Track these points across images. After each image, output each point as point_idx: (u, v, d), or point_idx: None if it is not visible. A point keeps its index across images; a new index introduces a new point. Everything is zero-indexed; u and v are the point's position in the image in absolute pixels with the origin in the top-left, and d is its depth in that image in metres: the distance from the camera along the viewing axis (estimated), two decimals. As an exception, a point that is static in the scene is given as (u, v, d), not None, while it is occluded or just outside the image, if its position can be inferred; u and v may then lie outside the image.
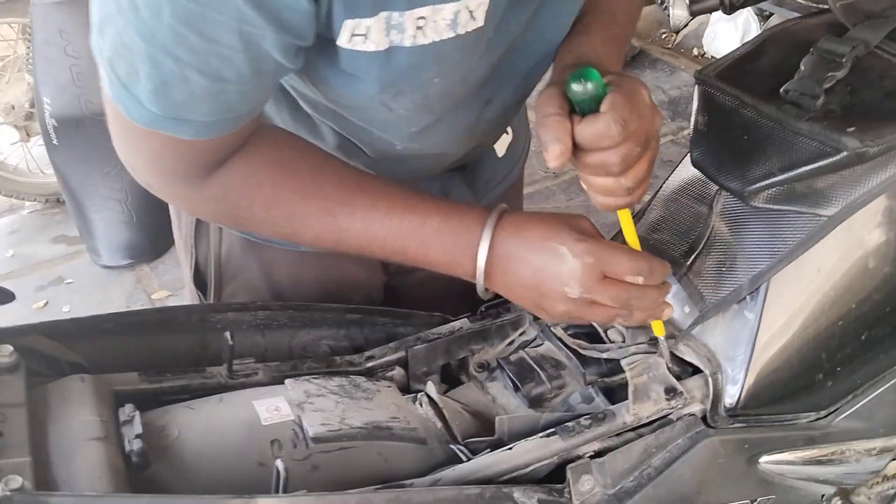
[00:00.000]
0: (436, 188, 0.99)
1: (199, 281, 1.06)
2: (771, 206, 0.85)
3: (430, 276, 1.09)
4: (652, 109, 0.73)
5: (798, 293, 0.86)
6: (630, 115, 0.69)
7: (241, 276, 1.02)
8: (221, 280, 1.03)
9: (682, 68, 3.67)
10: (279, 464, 0.69)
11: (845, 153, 0.78)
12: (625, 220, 0.81)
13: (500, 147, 1.02)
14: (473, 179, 1.03)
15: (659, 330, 0.86)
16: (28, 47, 2.58)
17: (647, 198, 0.91)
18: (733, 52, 0.95)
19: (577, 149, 0.71)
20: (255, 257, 1.01)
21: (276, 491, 0.69)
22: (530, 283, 0.76)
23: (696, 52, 3.86)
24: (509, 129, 1.03)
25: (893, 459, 1.02)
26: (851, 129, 0.80)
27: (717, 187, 0.90)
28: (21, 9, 2.64)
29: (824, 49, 0.89)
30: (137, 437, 0.71)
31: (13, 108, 2.79)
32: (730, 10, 1.04)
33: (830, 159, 0.80)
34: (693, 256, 0.90)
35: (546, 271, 0.74)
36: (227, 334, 0.84)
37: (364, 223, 0.77)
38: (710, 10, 1.06)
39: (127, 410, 0.75)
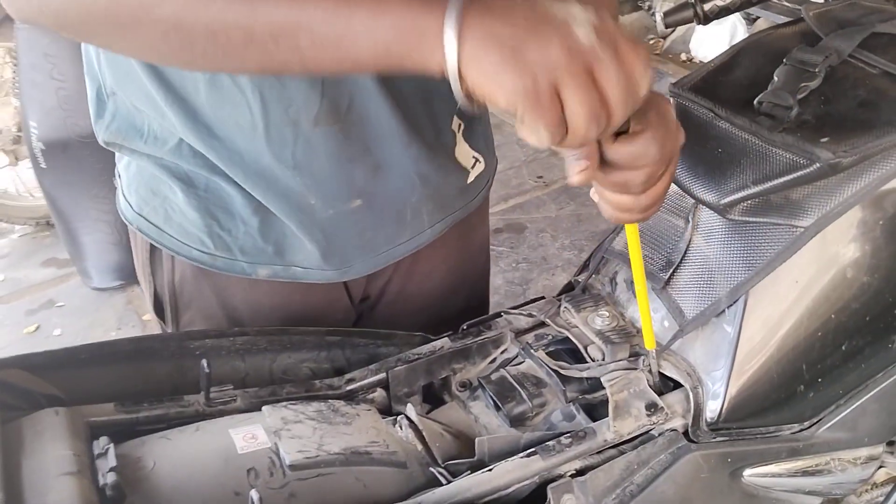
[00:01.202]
0: (401, 198, 0.96)
1: (160, 309, 1.05)
2: (747, 219, 0.85)
3: (399, 301, 1.09)
4: (677, 128, 0.71)
5: (777, 305, 0.86)
6: (665, 136, 0.67)
7: (196, 304, 1.01)
8: (178, 308, 1.02)
9: (669, 74, 3.69)
10: (254, 494, 0.68)
11: (819, 164, 0.78)
12: (631, 232, 0.80)
13: (472, 175, 1.01)
14: (435, 192, 0.99)
15: (650, 342, 0.86)
16: (14, 71, 2.59)
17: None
18: (707, 63, 0.95)
19: (601, 165, 0.68)
20: (207, 284, 0.99)
21: (252, 521, 0.68)
22: (523, 17, 0.59)
23: (683, 57, 3.88)
24: (482, 159, 1.02)
25: (881, 467, 1.02)
26: (825, 139, 0.80)
27: (693, 200, 0.90)
28: (6, 33, 2.65)
29: (797, 59, 0.89)
30: (111, 470, 0.70)
31: (0, 132, 2.79)
32: (704, 21, 1.04)
33: (804, 170, 0.80)
34: (671, 270, 0.90)
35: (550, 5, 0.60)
36: (204, 362, 0.83)
37: None
38: (684, 23, 1.06)
39: (101, 443, 0.74)
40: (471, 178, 1.02)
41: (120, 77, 0.88)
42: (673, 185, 0.90)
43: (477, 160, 1.01)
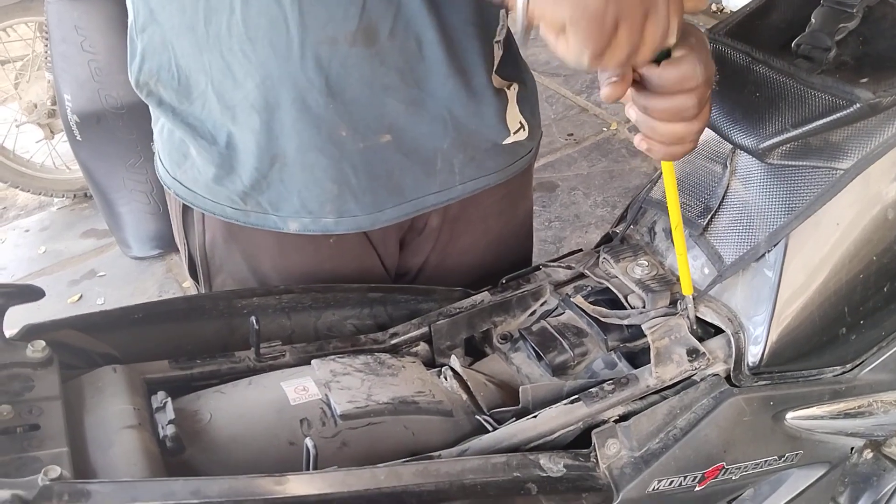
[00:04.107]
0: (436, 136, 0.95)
1: (194, 272, 1.06)
2: (786, 162, 0.85)
3: (436, 278, 1.08)
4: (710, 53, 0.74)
5: (817, 248, 0.86)
6: (707, 58, 0.70)
7: (227, 268, 1.02)
8: (210, 271, 1.03)
9: (700, 24, 3.63)
10: (308, 442, 0.70)
11: (858, 105, 0.78)
12: (668, 171, 0.81)
13: (513, 139, 1.00)
14: (467, 141, 0.97)
15: (687, 288, 0.86)
16: (46, 45, 2.61)
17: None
18: (743, 7, 0.94)
19: (648, 97, 0.71)
20: (238, 248, 1.00)
21: (307, 468, 0.70)
22: None
23: (714, 7, 3.81)
24: (526, 127, 1.01)
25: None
26: (864, 80, 0.79)
27: (731, 146, 0.90)
28: (37, 7, 2.67)
29: (835, 0, 0.88)
30: (170, 422, 0.73)
31: (35, 106, 2.83)
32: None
33: (844, 112, 0.79)
34: (710, 216, 0.90)
35: None
36: (253, 319, 0.85)
37: None
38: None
39: (159, 397, 0.76)
40: (508, 140, 1.00)
41: (162, 3, 0.86)
42: (710, 130, 0.90)
43: (522, 126, 1.00)
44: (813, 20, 0.86)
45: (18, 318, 0.80)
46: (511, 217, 1.13)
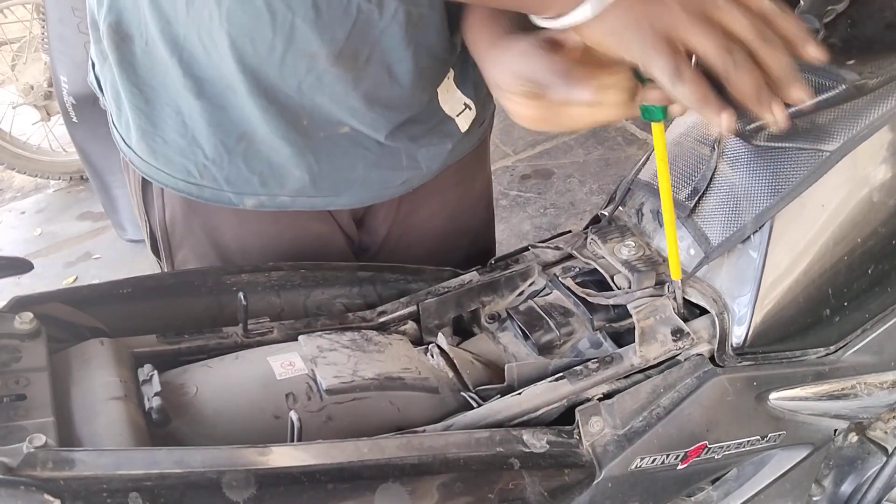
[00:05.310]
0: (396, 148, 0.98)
1: (156, 248, 1.06)
2: (773, 144, 0.85)
3: (399, 249, 1.10)
4: None
5: (802, 230, 0.86)
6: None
7: (188, 243, 1.02)
8: (171, 247, 1.03)
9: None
10: (293, 415, 0.71)
11: (844, 86, 0.78)
12: (662, 164, 0.81)
13: (463, 122, 1.02)
14: (429, 146, 1.01)
15: (676, 273, 0.87)
16: (43, 27, 2.61)
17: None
18: (733, -9, 0.94)
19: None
20: (198, 222, 1.00)
21: (292, 441, 0.71)
22: None
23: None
24: (472, 105, 1.03)
25: (909, 393, 1.02)
26: (851, 62, 0.80)
27: (719, 128, 0.90)
28: (34, -11, 2.67)
29: (824, -18, 0.88)
30: (156, 394, 0.73)
31: (32, 88, 2.83)
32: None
33: (830, 93, 0.79)
34: (697, 198, 0.90)
35: None
36: (241, 295, 0.86)
37: None
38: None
39: (146, 370, 0.77)
40: (465, 128, 1.03)
41: None
42: (698, 112, 0.91)
43: (467, 106, 1.01)
44: (802, 2, 0.86)
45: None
46: (469, 188, 1.15)
